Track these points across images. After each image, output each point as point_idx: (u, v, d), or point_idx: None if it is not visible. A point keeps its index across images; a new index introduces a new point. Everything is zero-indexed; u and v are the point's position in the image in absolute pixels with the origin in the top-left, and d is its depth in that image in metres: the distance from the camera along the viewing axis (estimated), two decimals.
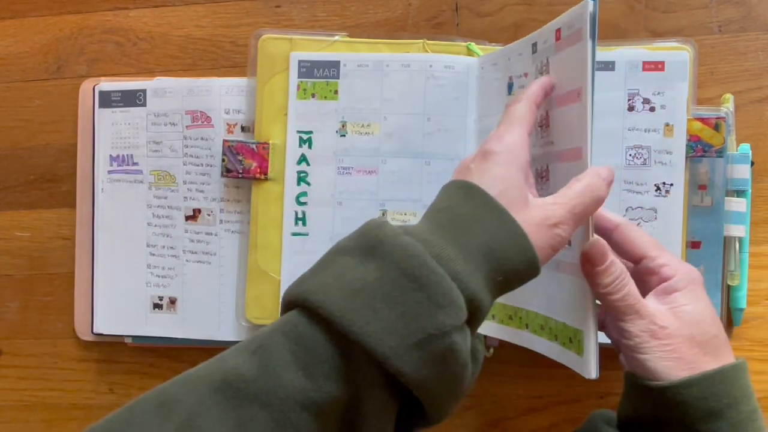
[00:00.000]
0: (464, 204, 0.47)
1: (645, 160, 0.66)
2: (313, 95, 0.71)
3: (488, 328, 0.67)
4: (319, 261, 0.47)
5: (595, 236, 0.53)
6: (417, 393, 0.43)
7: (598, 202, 0.50)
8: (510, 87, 0.65)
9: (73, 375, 0.79)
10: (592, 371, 0.53)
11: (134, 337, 0.77)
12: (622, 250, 0.57)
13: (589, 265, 0.52)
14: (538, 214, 0.48)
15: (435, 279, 0.42)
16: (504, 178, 0.48)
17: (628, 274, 0.53)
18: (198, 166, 0.74)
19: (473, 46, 0.70)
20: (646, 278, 0.56)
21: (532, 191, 0.51)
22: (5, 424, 0.80)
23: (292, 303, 0.45)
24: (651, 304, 0.54)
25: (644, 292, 0.55)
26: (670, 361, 0.52)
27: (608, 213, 0.57)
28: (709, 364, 0.52)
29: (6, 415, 0.80)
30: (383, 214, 0.70)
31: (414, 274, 0.42)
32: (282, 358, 0.42)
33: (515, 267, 0.46)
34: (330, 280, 0.44)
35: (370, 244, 0.44)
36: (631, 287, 0.53)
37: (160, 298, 0.75)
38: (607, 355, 0.72)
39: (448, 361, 0.43)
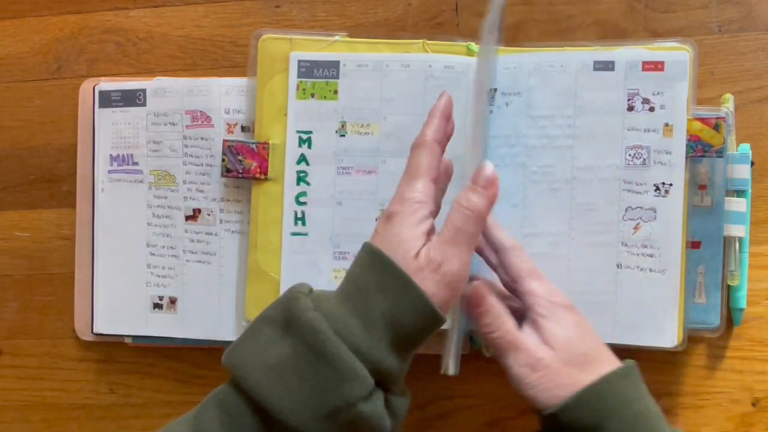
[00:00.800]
0: (370, 272, 0.50)
1: (645, 160, 0.66)
2: (312, 95, 0.71)
3: None
4: (249, 327, 0.52)
5: (475, 282, 0.56)
6: None
7: (479, 220, 0.53)
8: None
9: (73, 375, 0.79)
10: (449, 369, 0.57)
11: (134, 337, 0.77)
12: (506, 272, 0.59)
13: (469, 307, 0.55)
14: (425, 264, 0.50)
15: (339, 354, 0.46)
16: (403, 240, 0.51)
17: (506, 312, 0.55)
18: (198, 166, 0.74)
19: (473, 46, 0.70)
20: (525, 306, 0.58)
21: (430, 237, 0.52)
22: (5, 424, 0.80)
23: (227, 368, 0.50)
24: (526, 337, 0.55)
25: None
26: (551, 390, 0.53)
27: (499, 233, 0.59)
28: (588, 379, 0.53)
29: (6, 415, 0.80)
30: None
31: (320, 350, 0.46)
32: (212, 427, 0.48)
33: (418, 326, 0.49)
34: (253, 353, 0.48)
35: (285, 317, 0.49)
36: (509, 326, 0.55)
37: (160, 298, 0.75)
38: None
39: (358, 428, 0.47)
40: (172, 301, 0.75)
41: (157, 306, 0.75)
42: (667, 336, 0.66)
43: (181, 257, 0.75)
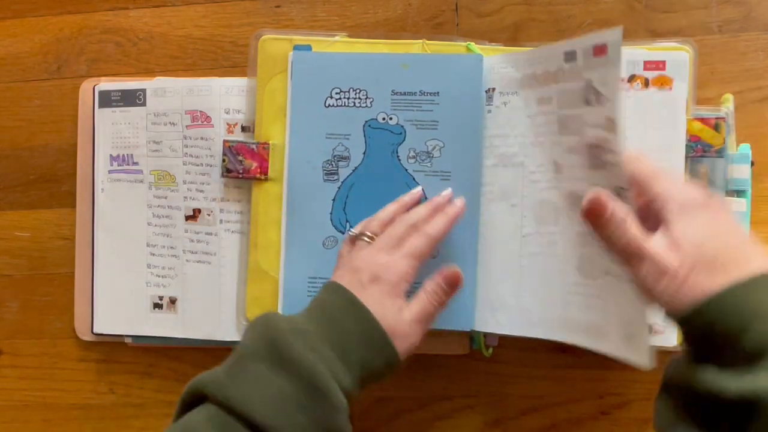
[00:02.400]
0: (353, 322, 0.58)
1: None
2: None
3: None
4: (234, 362, 0.56)
5: (594, 189, 0.54)
6: None
7: (442, 306, 0.63)
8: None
9: (73, 375, 0.79)
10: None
11: (134, 337, 0.77)
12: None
13: (591, 218, 0.54)
14: (400, 332, 0.60)
15: (334, 393, 0.54)
16: (388, 307, 0.60)
17: (631, 217, 0.53)
18: (198, 165, 0.74)
19: (473, 46, 0.70)
20: (654, 211, 0.54)
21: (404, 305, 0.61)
22: (5, 424, 0.80)
23: (219, 403, 0.54)
24: (655, 242, 0.52)
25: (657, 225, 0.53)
26: (676, 299, 0.50)
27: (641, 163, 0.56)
28: (717, 284, 0.49)
29: (6, 415, 0.80)
30: None
31: (320, 388, 0.54)
32: None
33: (384, 373, 0.59)
34: (251, 389, 0.54)
35: (281, 357, 0.55)
36: (632, 232, 0.52)
37: (161, 298, 0.75)
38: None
39: None
40: (172, 301, 0.75)
41: (157, 306, 0.75)
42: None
43: (181, 257, 0.75)
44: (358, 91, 0.70)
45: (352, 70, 0.70)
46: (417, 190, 0.69)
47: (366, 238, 0.64)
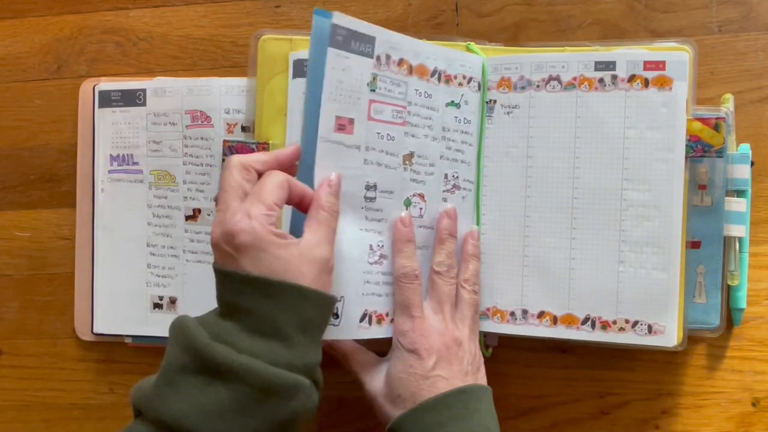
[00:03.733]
0: (260, 297, 0.53)
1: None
2: None
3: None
4: (160, 376, 0.53)
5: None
6: None
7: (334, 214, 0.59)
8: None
9: (73, 375, 0.79)
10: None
11: (134, 337, 0.77)
12: None
13: (336, 354, 0.66)
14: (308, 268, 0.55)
15: (281, 379, 0.51)
16: (266, 258, 0.54)
17: (360, 350, 0.66)
18: (198, 165, 0.74)
19: (473, 46, 0.70)
20: None
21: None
22: (5, 424, 0.80)
23: (146, 419, 0.53)
24: (374, 368, 0.65)
25: None
26: (380, 417, 0.63)
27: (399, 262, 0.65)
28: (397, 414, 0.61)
29: (6, 415, 0.80)
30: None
31: (265, 385, 0.51)
32: None
33: (324, 316, 0.56)
34: (184, 405, 0.51)
35: (209, 366, 0.51)
36: (355, 364, 0.66)
37: (161, 298, 0.75)
38: (607, 354, 0.73)
39: (303, 419, 0.53)
40: (172, 300, 0.75)
41: (157, 306, 0.75)
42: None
43: (181, 257, 0.75)
44: None
45: None
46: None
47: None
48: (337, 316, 0.62)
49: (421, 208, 0.67)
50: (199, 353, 0.52)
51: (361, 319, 0.64)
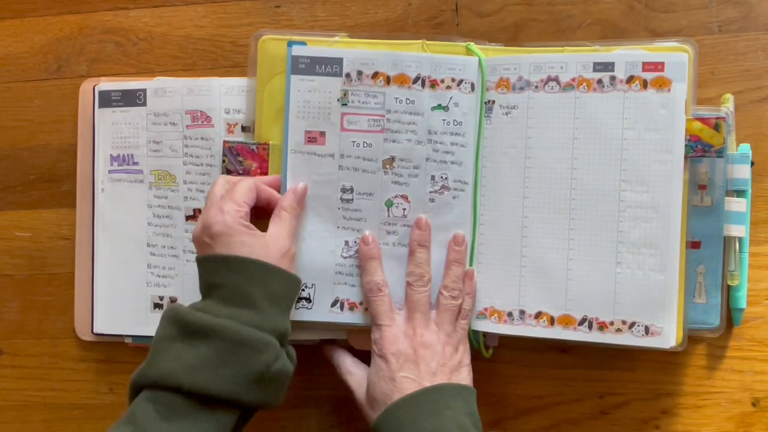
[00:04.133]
0: (236, 275, 0.63)
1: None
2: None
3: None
4: (151, 351, 0.62)
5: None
6: (263, 408, 0.63)
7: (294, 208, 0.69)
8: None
9: (73, 375, 0.79)
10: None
11: (134, 337, 0.77)
12: None
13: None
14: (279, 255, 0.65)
15: (251, 335, 0.60)
16: (247, 242, 0.64)
17: (340, 358, 0.71)
18: (198, 165, 0.74)
19: (473, 46, 0.70)
20: None
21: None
22: (5, 424, 0.80)
23: (150, 386, 0.60)
24: (357, 374, 0.69)
25: None
26: (364, 417, 0.67)
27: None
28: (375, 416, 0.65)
29: (6, 415, 0.80)
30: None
31: (238, 339, 0.60)
32: (147, 415, 0.59)
33: (291, 291, 0.65)
34: (172, 364, 0.59)
35: (191, 330, 0.60)
36: (343, 368, 0.71)
37: (161, 298, 0.75)
38: (607, 354, 0.73)
39: (276, 380, 0.62)
40: (173, 300, 0.75)
41: (157, 306, 0.75)
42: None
43: (181, 257, 0.75)
44: None
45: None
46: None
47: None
48: (309, 300, 0.71)
49: (404, 209, 0.70)
50: (184, 320, 0.61)
51: (333, 305, 0.71)
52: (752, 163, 0.69)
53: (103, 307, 0.76)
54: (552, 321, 0.67)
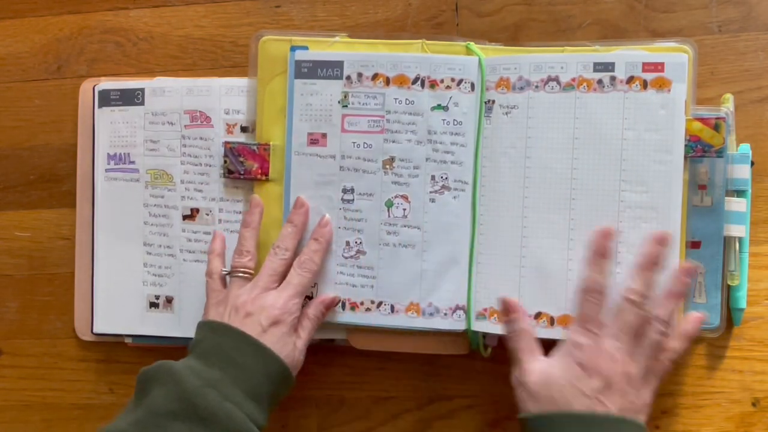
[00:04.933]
0: (261, 365, 0.65)
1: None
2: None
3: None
4: (146, 422, 0.61)
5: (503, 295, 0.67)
6: None
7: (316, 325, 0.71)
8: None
9: (73, 375, 0.79)
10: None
11: (134, 337, 0.77)
12: None
13: (502, 314, 0.68)
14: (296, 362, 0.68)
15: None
16: (288, 343, 0.67)
17: (528, 332, 0.65)
18: (197, 165, 0.74)
19: (473, 46, 0.70)
20: None
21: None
22: (5, 424, 0.80)
23: None
24: (532, 359, 0.64)
25: None
26: (521, 405, 0.64)
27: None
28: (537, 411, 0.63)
29: (6, 415, 0.80)
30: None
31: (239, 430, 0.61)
32: None
33: (283, 396, 0.67)
34: None
35: (198, 413, 0.60)
36: (526, 342, 0.65)
37: (157, 297, 0.75)
38: None
39: None
40: (169, 300, 0.75)
41: (153, 305, 0.75)
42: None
43: (178, 256, 0.75)
44: None
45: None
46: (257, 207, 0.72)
47: (241, 274, 0.69)
48: (310, 299, 0.71)
49: (404, 209, 0.70)
50: (190, 399, 0.61)
51: None
52: (752, 163, 0.69)
53: (103, 307, 0.76)
54: (552, 321, 0.67)
